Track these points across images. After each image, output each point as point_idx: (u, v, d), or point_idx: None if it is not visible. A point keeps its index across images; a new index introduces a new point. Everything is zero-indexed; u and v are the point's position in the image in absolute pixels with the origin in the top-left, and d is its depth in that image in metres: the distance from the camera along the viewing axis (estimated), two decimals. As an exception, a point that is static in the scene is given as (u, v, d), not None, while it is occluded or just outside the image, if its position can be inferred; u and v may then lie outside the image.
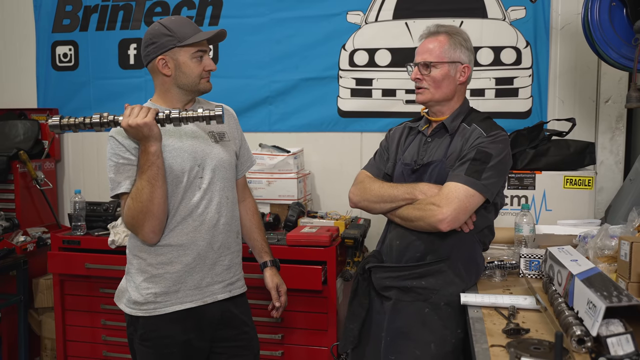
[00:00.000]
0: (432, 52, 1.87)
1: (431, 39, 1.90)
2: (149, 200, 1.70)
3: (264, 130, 3.32)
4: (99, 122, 1.73)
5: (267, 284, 2.09)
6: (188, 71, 1.82)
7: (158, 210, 1.72)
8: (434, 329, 1.78)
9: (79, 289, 2.93)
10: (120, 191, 1.75)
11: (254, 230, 2.10)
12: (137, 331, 1.84)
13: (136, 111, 1.68)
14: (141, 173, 1.71)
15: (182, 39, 1.80)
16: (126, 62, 3.47)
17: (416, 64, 1.91)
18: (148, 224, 1.73)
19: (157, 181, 1.70)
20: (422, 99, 1.92)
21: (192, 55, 1.82)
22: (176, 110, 1.74)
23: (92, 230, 2.96)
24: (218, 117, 1.73)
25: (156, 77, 1.87)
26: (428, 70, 1.87)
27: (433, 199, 1.76)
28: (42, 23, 3.59)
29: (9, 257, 3.04)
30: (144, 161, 1.70)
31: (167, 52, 1.81)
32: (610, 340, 1.21)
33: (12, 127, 3.47)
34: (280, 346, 2.68)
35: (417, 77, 1.90)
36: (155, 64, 1.83)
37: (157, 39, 1.81)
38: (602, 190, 2.91)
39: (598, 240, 1.75)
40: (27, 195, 3.33)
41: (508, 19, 3.00)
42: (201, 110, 1.73)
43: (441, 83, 1.88)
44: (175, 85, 1.85)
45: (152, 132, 1.68)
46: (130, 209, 1.73)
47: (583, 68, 2.95)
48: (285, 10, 3.23)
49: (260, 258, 2.11)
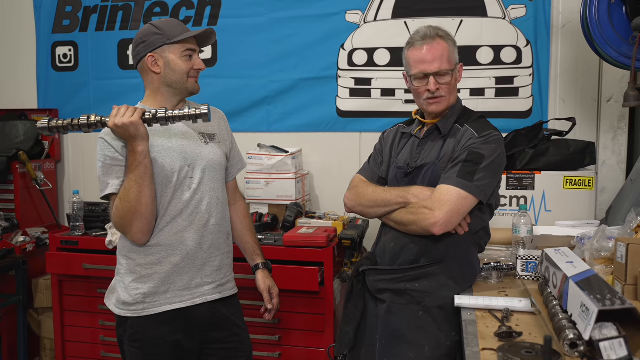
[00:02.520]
0: (443, 59, 1.80)
1: (434, 46, 1.81)
2: (137, 200, 1.70)
3: (263, 131, 3.31)
4: (87, 124, 1.74)
5: (259, 286, 2.08)
6: (177, 68, 1.83)
7: (146, 210, 1.72)
8: (428, 331, 1.76)
9: (77, 290, 2.92)
10: (109, 192, 1.75)
11: (246, 232, 2.10)
12: (126, 332, 1.84)
13: (123, 111, 1.69)
14: (129, 173, 1.71)
15: (171, 37, 1.82)
16: (125, 62, 3.46)
17: (429, 74, 1.81)
18: (136, 225, 1.73)
19: (145, 181, 1.70)
20: (441, 108, 1.85)
21: (182, 54, 1.84)
22: (162, 109, 1.74)
23: (90, 230, 2.96)
24: (204, 116, 1.74)
25: (146, 76, 1.88)
26: (446, 77, 1.81)
27: (425, 203, 1.74)
28: (43, 24, 3.59)
29: (8, 257, 3.05)
30: (132, 161, 1.70)
31: (156, 50, 1.83)
32: (603, 344, 1.19)
33: (12, 128, 3.48)
34: (278, 347, 2.67)
35: (437, 87, 1.81)
36: (145, 62, 1.84)
37: (147, 38, 1.84)
38: (604, 191, 2.87)
39: (595, 242, 1.72)
40: (27, 196, 3.34)
41: (508, 18, 2.97)
42: (187, 110, 1.74)
43: (454, 89, 1.87)
44: (165, 84, 1.85)
45: (138, 131, 1.68)
46: (118, 210, 1.73)
47: (584, 67, 2.92)
48: (283, 10, 3.21)
49: (252, 260, 2.10)
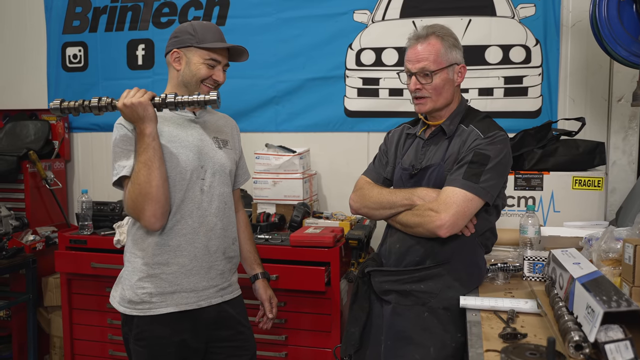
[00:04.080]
0: (429, 58, 1.77)
1: (423, 44, 1.79)
2: (147, 182, 1.69)
3: (271, 130, 3.31)
4: (97, 106, 1.77)
5: (260, 295, 2.09)
6: (195, 71, 1.86)
7: (157, 192, 1.71)
8: (433, 332, 1.75)
9: (86, 288, 2.94)
10: (122, 174, 1.74)
11: (246, 242, 2.11)
12: (131, 331, 1.84)
13: (133, 92, 1.72)
14: (138, 156, 1.71)
15: (200, 41, 1.85)
16: (134, 62, 3.49)
17: (412, 73, 1.80)
18: (149, 208, 1.71)
19: (154, 163, 1.70)
20: (424, 109, 1.83)
21: (205, 60, 1.85)
22: (172, 94, 1.76)
23: (98, 229, 2.98)
24: (212, 102, 1.76)
25: (170, 70, 1.93)
26: (428, 78, 1.78)
27: (431, 205, 1.72)
28: (53, 25, 3.62)
29: (18, 256, 3.07)
30: (140, 144, 1.71)
31: (182, 48, 1.86)
32: (608, 346, 1.18)
33: (23, 128, 3.51)
34: (285, 347, 2.67)
35: (417, 88, 1.80)
36: (170, 56, 1.89)
37: (180, 35, 1.89)
38: (615, 192, 2.84)
39: (602, 243, 1.70)
40: (37, 195, 3.36)
41: (517, 17, 2.94)
42: (196, 96, 1.76)
43: (442, 90, 1.80)
44: (182, 82, 1.88)
45: (147, 112, 1.70)
46: (130, 192, 1.73)
47: (595, 66, 2.89)
48: (291, 10, 3.22)
49: (252, 270, 2.11)
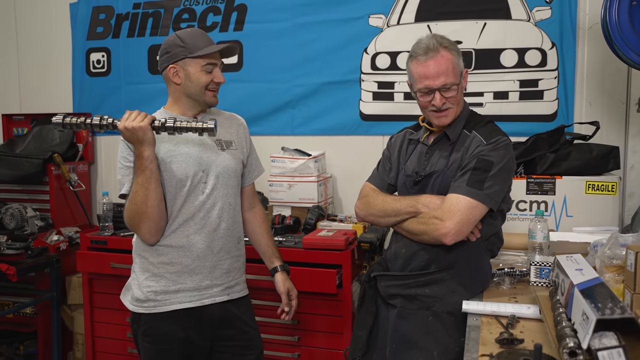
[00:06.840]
0: (448, 72, 1.77)
1: (438, 59, 1.78)
2: (143, 202, 1.78)
3: (287, 134, 3.36)
4: (99, 124, 1.84)
5: (278, 288, 2.12)
6: (196, 81, 1.90)
7: (152, 212, 1.80)
8: (437, 337, 1.76)
9: (106, 287, 3.03)
10: (122, 192, 1.86)
11: (264, 236, 2.15)
12: (140, 327, 1.92)
13: (134, 115, 1.78)
14: (136, 177, 1.79)
15: (193, 50, 1.88)
16: (155, 67, 3.56)
17: (433, 90, 1.78)
18: (144, 226, 1.82)
19: (150, 184, 1.77)
20: (448, 121, 1.84)
21: (202, 67, 1.89)
22: (172, 119, 1.81)
23: (118, 230, 3.07)
24: (210, 130, 1.81)
25: (169, 85, 1.96)
26: (450, 91, 1.79)
27: (436, 213, 1.74)
28: (78, 31, 3.74)
29: (43, 255, 3.19)
30: (139, 165, 1.78)
31: (178, 62, 1.89)
32: (601, 353, 1.18)
33: (49, 131, 3.63)
34: (297, 348, 2.71)
35: (443, 102, 1.79)
36: (167, 72, 1.91)
37: (171, 49, 1.90)
38: (633, 196, 2.80)
39: (607, 249, 1.68)
40: (62, 196, 3.47)
41: (533, 20, 2.93)
42: (194, 123, 1.81)
43: (460, 99, 1.85)
44: (184, 94, 1.93)
45: (146, 136, 1.76)
46: (127, 210, 1.83)
47: (612, 69, 2.85)
48: (307, 15, 3.25)
49: (271, 263, 2.15)
